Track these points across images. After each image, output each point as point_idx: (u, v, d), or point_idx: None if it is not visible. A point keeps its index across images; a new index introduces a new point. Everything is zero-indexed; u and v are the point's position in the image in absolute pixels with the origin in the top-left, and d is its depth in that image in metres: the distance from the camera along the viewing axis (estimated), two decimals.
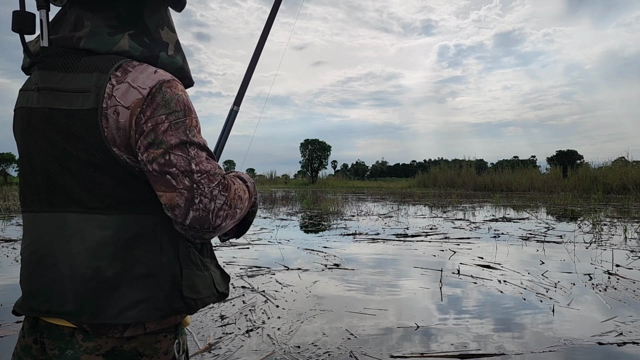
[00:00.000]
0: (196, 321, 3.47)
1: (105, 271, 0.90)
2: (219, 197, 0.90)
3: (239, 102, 1.33)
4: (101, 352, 0.92)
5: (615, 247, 6.93)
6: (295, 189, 34.39)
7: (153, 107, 0.89)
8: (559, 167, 30.57)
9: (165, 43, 1.02)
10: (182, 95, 0.94)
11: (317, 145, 51.24)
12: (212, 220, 0.89)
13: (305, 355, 2.84)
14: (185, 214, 0.88)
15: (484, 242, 7.67)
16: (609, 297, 4.21)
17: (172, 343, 1.02)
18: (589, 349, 2.98)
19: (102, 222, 0.91)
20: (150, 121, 0.89)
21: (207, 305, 1.04)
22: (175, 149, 0.89)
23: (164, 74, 0.94)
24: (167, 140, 0.89)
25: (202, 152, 0.92)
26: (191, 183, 0.88)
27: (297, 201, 18.69)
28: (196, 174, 0.89)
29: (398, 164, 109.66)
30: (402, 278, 5.03)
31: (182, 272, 0.96)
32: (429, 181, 37.20)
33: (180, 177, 0.88)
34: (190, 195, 0.88)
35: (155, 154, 0.88)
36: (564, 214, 12.95)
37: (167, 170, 0.88)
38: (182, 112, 0.92)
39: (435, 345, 3.03)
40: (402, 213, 13.35)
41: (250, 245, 7.19)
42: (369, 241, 7.78)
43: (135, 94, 0.89)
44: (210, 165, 0.92)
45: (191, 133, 0.92)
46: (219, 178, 0.91)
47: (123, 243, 0.91)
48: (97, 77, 0.89)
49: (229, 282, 1.12)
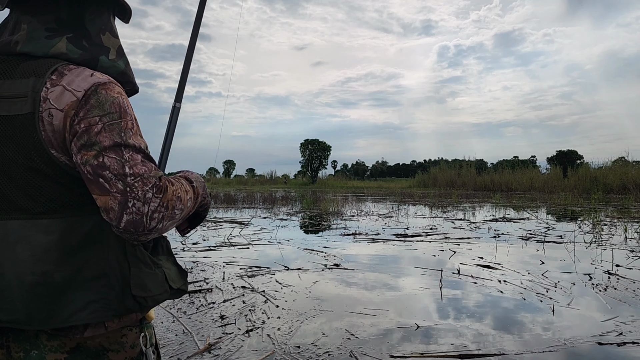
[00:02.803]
0: (196, 321, 3.47)
1: (53, 276, 0.90)
2: (152, 200, 0.88)
3: (180, 99, 1.32)
4: (65, 350, 0.93)
5: (615, 247, 6.93)
6: (295, 189, 34.39)
7: (87, 108, 0.90)
8: (559, 167, 30.54)
9: (107, 48, 1.02)
10: (118, 98, 0.94)
11: (317, 145, 51.22)
12: (147, 223, 0.87)
13: (305, 355, 2.84)
14: (119, 217, 0.87)
15: (484, 242, 7.67)
16: (609, 297, 4.21)
17: (138, 337, 1.03)
18: (589, 349, 2.98)
19: (46, 227, 0.91)
20: (83, 122, 0.89)
21: (159, 303, 1.06)
22: (109, 151, 0.89)
23: (100, 76, 0.95)
24: (101, 142, 0.88)
25: (137, 155, 0.91)
26: (124, 187, 0.87)
27: (297, 201, 18.70)
28: (129, 177, 0.88)
29: (398, 164, 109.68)
30: (402, 278, 5.03)
31: (130, 271, 0.96)
32: (429, 181, 37.18)
33: (113, 181, 0.87)
34: (123, 199, 0.86)
35: (88, 155, 0.88)
36: (564, 214, 12.96)
37: (100, 172, 0.87)
38: (117, 114, 0.92)
39: (435, 345, 3.03)
40: (402, 213, 13.35)
41: (250, 245, 7.19)
42: (369, 241, 7.78)
43: (69, 96, 0.90)
44: (144, 168, 0.90)
45: (126, 135, 0.92)
46: (153, 181, 0.90)
47: (70, 246, 0.91)
48: (33, 81, 0.90)
49: (186, 278, 1.12)
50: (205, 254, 6.39)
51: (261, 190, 31.62)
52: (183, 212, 0.97)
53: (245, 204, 17.42)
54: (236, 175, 72.56)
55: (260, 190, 30.15)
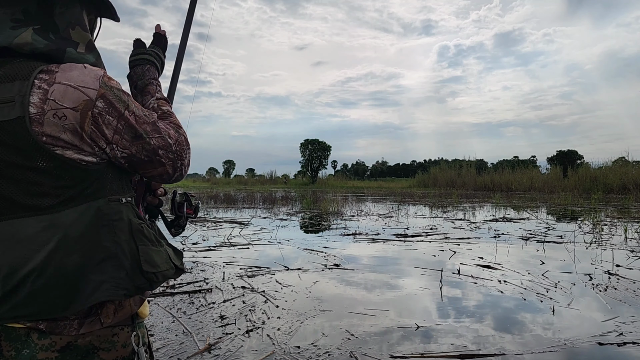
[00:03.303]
0: (196, 321, 3.47)
1: (66, 265, 0.92)
2: (187, 153, 1.10)
3: (170, 102, 1.33)
4: (56, 348, 0.94)
5: (615, 247, 6.93)
6: (295, 189, 34.38)
7: (107, 103, 0.95)
8: (559, 167, 30.53)
9: (75, 42, 1.02)
10: (116, 83, 1.00)
11: (317, 145, 51.20)
12: (184, 171, 1.10)
13: (305, 355, 2.84)
14: (171, 175, 1.08)
15: (484, 242, 7.67)
16: (609, 297, 4.21)
17: (130, 336, 1.03)
18: (589, 349, 2.98)
19: (53, 221, 0.92)
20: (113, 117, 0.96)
21: (167, 279, 1.12)
22: (152, 133, 1.02)
23: (94, 68, 0.97)
24: (144, 130, 1.01)
25: (160, 122, 1.06)
26: (174, 155, 1.05)
27: (297, 201, 18.69)
28: (173, 145, 1.05)
29: (398, 164, 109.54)
30: (402, 278, 5.03)
31: (138, 249, 0.99)
32: (429, 181, 37.16)
33: (165, 155, 1.04)
34: (174, 164, 1.07)
35: (141, 144, 1.00)
36: (564, 214, 12.95)
37: (156, 152, 1.03)
38: (129, 99, 1.01)
39: (435, 345, 3.03)
40: (402, 213, 13.34)
41: (250, 245, 7.19)
42: (369, 241, 7.78)
43: (78, 94, 0.90)
44: (170, 129, 1.07)
45: (145, 111, 1.04)
46: (182, 138, 1.08)
47: (78, 234, 0.93)
48: (19, 85, 0.90)
49: (182, 258, 1.16)
50: (205, 254, 6.38)
51: (261, 190, 31.61)
52: None
53: (245, 204, 17.42)
54: (236, 175, 72.55)
55: (260, 190, 30.14)
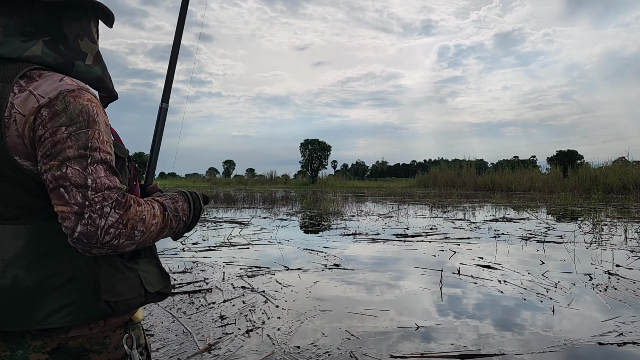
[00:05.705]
0: (196, 321, 3.47)
1: (24, 280, 0.90)
2: (111, 215, 0.86)
3: (167, 99, 1.31)
4: (47, 350, 0.94)
5: (615, 247, 6.93)
6: (295, 189, 34.37)
7: (51, 115, 0.88)
8: (559, 167, 30.55)
9: (84, 53, 1.01)
10: (88, 105, 0.92)
11: (317, 145, 51.20)
12: (100, 236, 0.85)
13: (305, 355, 2.84)
14: (74, 227, 0.85)
15: (484, 242, 7.67)
16: (609, 297, 4.21)
17: (122, 338, 1.02)
18: (589, 349, 2.98)
19: (15, 232, 0.91)
20: (48, 130, 0.88)
21: (138, 307, 1.03)
22: (72, 162, 0.87)
23: (70, 82, 0.93)
24: (65, 152, 0.87)
25: (100, 167, 0.89)
26: (83, 199, 0.85)
27: (297, 201, 18.69)
28: (90, 190, 0.86)
29: (398, 164, 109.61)
30: (402, 278, 5.03)
31: (100, 274, 0.95)
32: (429, 181, 37.16)
33: (73, 192, 0.86)
34: (80, 210, 0.85)
35: (51, 165, 0.87)
36: (564, 214, 12.95)
37: (61, 183, 0.86)
38: (84, 123, 0.90)
39: (435, 345, 3.03)
40: (402, 213, 13.34)
41: (250, 246, 7.19)
42: (369, 241, 7.78)
43: (33, 101, 0.89)
44: (107, 182, 0.89)
45: (93, 145, 0.90)
46: (115, 196, 0.88)
47: (40, 251, 0.91)
48: (1, 87, 0.89)
49: (169, 281, 1.10)
50: (205, 254, 6.39)
51: (261, 190, 31.60)
52: (145, 235, 0.94)
53: (245, 204, 17.42)
54: (236, 175, 72.49)
55: (260, 190, 30.14)
